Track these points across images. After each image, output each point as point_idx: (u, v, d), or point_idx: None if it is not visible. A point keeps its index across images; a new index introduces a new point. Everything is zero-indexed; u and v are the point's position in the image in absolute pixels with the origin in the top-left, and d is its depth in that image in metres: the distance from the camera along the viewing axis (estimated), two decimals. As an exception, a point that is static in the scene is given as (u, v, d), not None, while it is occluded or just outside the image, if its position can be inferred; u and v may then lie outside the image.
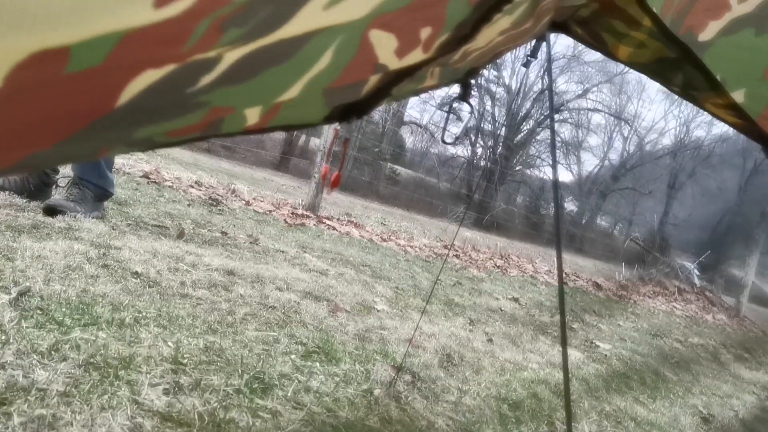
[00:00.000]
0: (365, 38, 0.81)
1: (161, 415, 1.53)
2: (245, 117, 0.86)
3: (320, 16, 0.66)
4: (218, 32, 0.55)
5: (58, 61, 0.44)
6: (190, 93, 0.66)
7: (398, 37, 0.86)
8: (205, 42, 0.55)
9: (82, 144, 0.64)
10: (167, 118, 0.71)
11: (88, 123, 0.58)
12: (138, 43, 0.48)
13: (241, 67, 0.67)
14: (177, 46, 0.53)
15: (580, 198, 28.12)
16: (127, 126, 0.66)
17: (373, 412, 1.97)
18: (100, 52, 0.47)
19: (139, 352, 1.83)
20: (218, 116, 0.80)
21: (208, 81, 0.65)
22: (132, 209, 3.94)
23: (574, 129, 27.08)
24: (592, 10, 1.47)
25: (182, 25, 0.50)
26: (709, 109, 1.55)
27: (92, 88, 0.51)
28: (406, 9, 0.79)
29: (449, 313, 3.88)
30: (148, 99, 0.59)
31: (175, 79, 0.59)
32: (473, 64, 1.39)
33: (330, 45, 0.76)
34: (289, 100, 0.88)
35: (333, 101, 1.04)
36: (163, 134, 0.76)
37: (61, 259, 2.46)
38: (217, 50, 0.59)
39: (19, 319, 1.80)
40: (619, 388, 3.32)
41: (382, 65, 0.95)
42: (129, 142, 0.74)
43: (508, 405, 2.45)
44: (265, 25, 0.60)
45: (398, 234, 7.73)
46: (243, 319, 2.45)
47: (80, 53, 0.45)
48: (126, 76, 0.53)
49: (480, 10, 0.95)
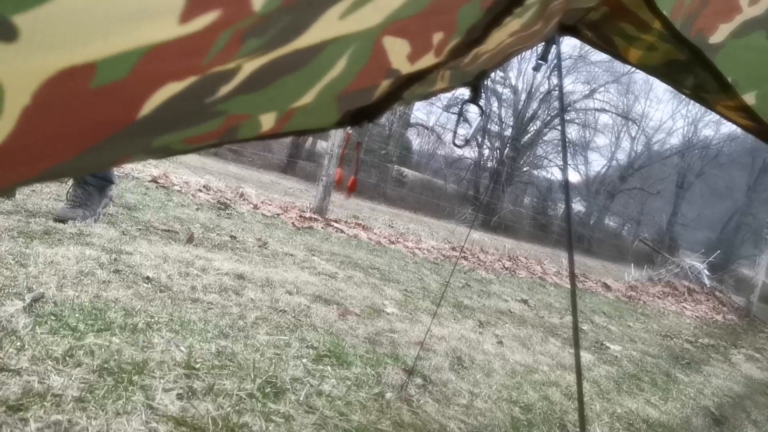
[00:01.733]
0: (378, 44, 0.82)
1: (175, 419, 1.54)
2: (260, 123, 0.87)
3: (335, 26, 0.67)
4: (238, 44, 0.56)
5: (84, 76, 0.45)
6: (208, 103, 0.66)
7: (411, 42, 0.87)
8: (225, 54, 0.56)
9: (102, 154, 0.64)
10: (185, 126, 0.72)
11: (110, 134, 0.59)
12: (162, 56, 0.49)
13: (258, 77, 0.68)
14: (199, 59, 0.54)
15: (588, 198, 28.03)
16: (147, 135, 0.67)
17: (385, 415, 1.97)
18: (125, 66, 0.47)
19: (152, 357, 1.85)
20: (235, 123, 0.81)
21: (227, 91, 0.66)
22: (142, 214, 3.96)
23: (581, 129, 27.02)
24: (602, 13, 1.47)
25: (204, 38, 0.50)
26: (720, 111, 1.55)
27: (116, 101, 0.52)
28: (419, 15, 0.80)
29: (459, 315, 3.88)
30: (168, 109, 0.60)
31: (196, 90, 0.60)
32: (483, 67, 1.40)
33: (344, 53, 0.77)
34: (303, 105, 0.88)
35: (345, 106, 1.05)
36: (180, 142, 0.77)
37: (74, 264, 2.48)
38: (236, 61, 0.60)
39: (33, 325, 1.81)
40: (630, 389, 3.30)
41: (395, 70, 0.96)
42: (148, 150, 0.75)
43: (520, 408, 2.45)
44: (282, 35, 0.61)
45: (406, 236, 7.73)
46: (254, 324, 2.46)
47: (106, 68, 0.46)
48: (150, 88, 0.54)
49: (491, 14, 0.96)
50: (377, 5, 0.69)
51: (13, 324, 1.77)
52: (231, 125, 0.81)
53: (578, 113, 26.03)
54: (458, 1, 0.85)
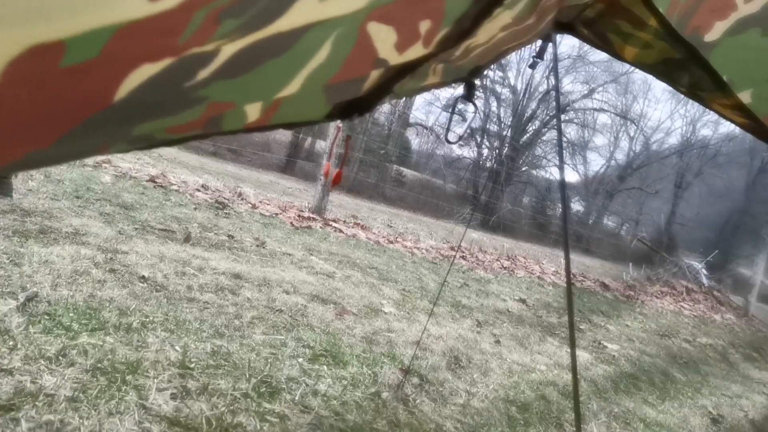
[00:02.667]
0: (363, 30, 0.81)
1: (169, 419, 1.53)
2: (246, 113, 0.86)
3: (316, 8, 0.66)
4: (214, 24, 0.55)
5: (53, 54, 0.44)
6: (188, 87, 0.65)
7: (397, 30, 0.86)
8: (201, 34, 0.55)
9: (82, 141, 0.63)
10: (167, 113, 0.71)
11: (87, 117, 0.58)
12: (134, 35, 0.48)
13: (239, 61, 0.67)
14: (173, 38, 0.53)
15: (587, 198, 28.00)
16: (126, 121, 0.66)
17: (381, 415, 1.97)
18: (96, 45, 0.47)
19: (146, 356, 1.84)
20: (218, 112, 0.79)
21: (206, 74, 0.65)
22: (138, 213, 3.95)
23: (579, 129, 26.99)
24: (598, 10, 1.46)
25: (177, 17, 0.50)
26: (716, 109, 1.54)
27: (89, 82, 0.51)
28: (404, 2, 0.79)
29: (456, 314, 3.87)
30: (146, 93, 0.59)
31: (173, 73, 0.59)
32: (476, 62, 1.39)
33: (328, 37, 0.76)
34: (289, 96, 0.87)
35: (334, 97, 1.04)
36: (163, 131, 0.76)
37: (68, 264, 2.47)
38: (215, 43, 0.59)
39: (26, 324, 1.80)
40: (627, 389, 3.30)
41: (382, 60, 0.95)
42: (129, 139, 0.74)
43: (517, 407, 2.44)
44: (261, 16, 0.60)
45: (405, 236, 7.72)
46: (250, 323, 2.45)
47: (75, 46, 0.45)
48: (123, 69, 0.53)
49: (480, 4, 0.94)
50: None
51: (6, 323, 1.76)
52: (214, 114, 0.79)
53: (577, 113, 26.01)
54: None
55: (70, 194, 3.83)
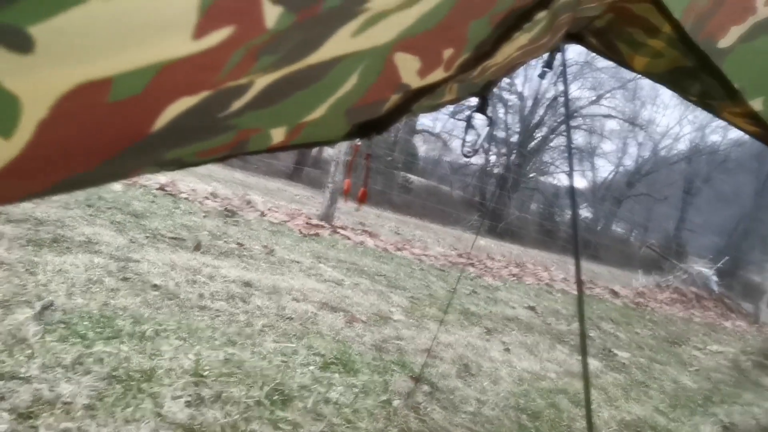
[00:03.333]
0: (390, 60, 0.83)
1: (184, 427, 1.54)
2: (270, 136, 0.88)
3: (349, 43, 0.68)
4: (252, 60, 0.57)
5: (101, 90, 0.46)
6: (221, 117, 0.67)
7: (422, 58, 0.88)
8: (239, 69, 0.57)
9: (116, 167, 0.65)
10: (198, 140, 0.73)
11: (125, 147, 0.59)
12: (176, 72, 0.49)
13: (271, 92, 0.68)
14: (212, 74, 0.55)
15: (595, 204, 27.92)
16: (161, 149, 0.68)
17: (393, 423, 1.97)
18: (141, 81, 0.48)
19: (160, 364, 1.85)
20: (246, 137, 0.81)
21: (239, 106, 0.66)
22: (149, 221, 3.98)
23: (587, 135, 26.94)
24: (607, 20, 1.48)
25: (218, 54, 0.51)
26: (726, 117, 1.55)
27: (131, 115, 0.53)
28: (430, 32, 0.80)
29: (465, 322, 3.87)
30: (181, 124, 0.61)
31: (209, 105, 0.60)
32: (490, 78, 1.40)
33: (356, 69, 0.78)
34: (312, 120, 0.89)
35: (354, 119, 1.05)
36: (193, 155, 0.78)
37: (82, 272, 2.50)
38: (249, 77, 0.60)
39: (43, 333, 1.83)
40: (638, 397, 3.29)
41: (405, 84, 0.96)
42: (160, 163, 0.76)
43: (527, 415, 2.44)
44: (296, 52, 0.62)
45: (412, 243, 7.73)
46: (261, 331, 2.47)
47: (122, 83, 0.47)
48: (163, 103, 0.55)
49: (500, 30, 0.96)
50: (389, 23, 0.69)
51: (23, 332, 1.79)
52: (242, 139, 0.81)
53: (585, 119, 25.96)
54: (468, 17, 0.85)
55: (82, 203, 3.86)
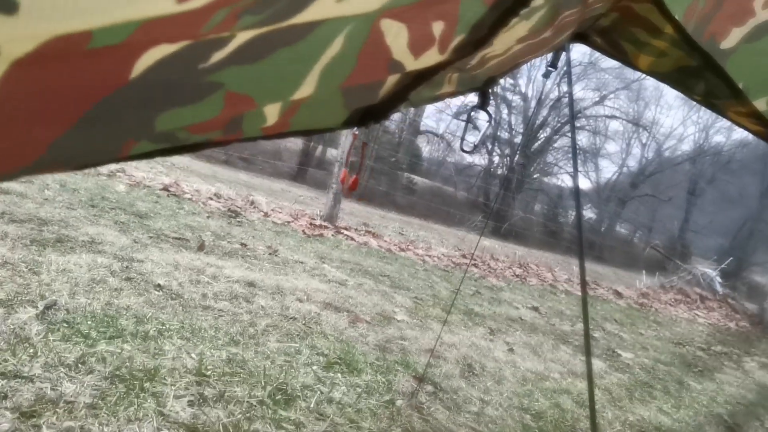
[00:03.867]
0: (376, 26, 0.83)
1: (186, 426, 1.54)
2: (264, 116, 0.88)
3: (332, 7, 0.68)
4: (234, 19, 0.58)
5: (80, 40, 0.47)
6: (202, 69, 0.67)
7: (409, 28, 0.87)
8: (220, 27, 0.58)
9: (102, 127, 0.65)
10: (185, 100, 0.73)
11: (103, 96, 0.60)
12: (157, 28, 0.50)
13: (252, 47, 0.69)
14: (194, 29, 0.56)
15: (599, 205, 27.86)
16: (144, 106, 0.68)
17: (396, 423, 1.97)
18: (121, 35, 0.49)
19: (163, 364, 1.85)
20: (237, 111, 0.81)
21: (220, 57, 0.67)
22: (153, 222, 3.98)
23: (591, 136, 26.87)
24: (612, 19, 1.47)
25: (200, 15, 0.52)
26: (731, 117, 1.54)
27: (108, 61, 0.54)
28: (418, 4, 0.80)
29: (469, 322, 3.87)
30: (160, 72, 0.61)
31: (188, 53, 0.61)
32: (492, 73, 1.40)
33: (340, 32, 0.78)
34: (306, 98, 0.89)
35: (351, 102, 1.05)
36: (185, 130, 0.78)
37: (86, 272, 2.50)
38: (230, 32, 0.61)
39: (46, 332, 1.83)
40: (642, 397, 3.28)
41: (397, 62, 0.96)
42: (152, 136, 0.75)
43: (531, 415, 2.43)
44: (279, 14, 0.62)
45: (416, 243, 7.72)
46: (264, 331, 2.47)
47: (101, 34, 0.48)
48: (141, 49, 0.55)
49: (496, 12, 0.95)
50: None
51: (26, 331, 1.79)
52: (233, 114, 0.81)
53: (588, 120, 25.91)
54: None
55: (86, 203, 3.87)
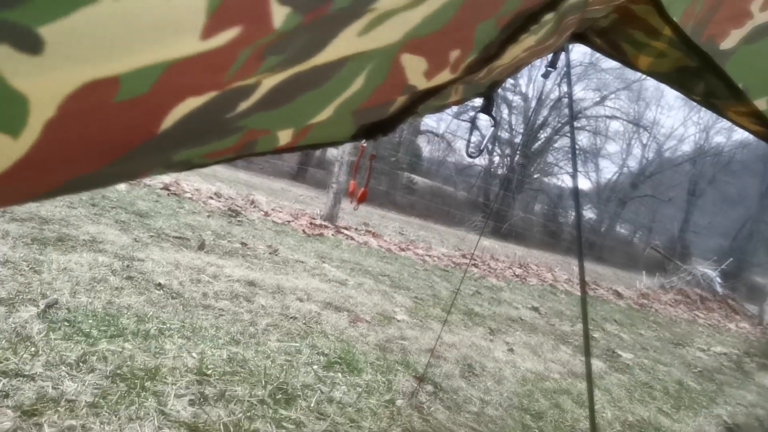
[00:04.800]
0: (396, 62, 0.83)
1: (187, 425, 1.55)
2: (278, 138, 0.88)
3: (355, 43, 0.68)
4: (259, 60, 0.57)
5: (108, 90, 0.46)
6: (228, 118, 0.67)
7: (428, 60, 0.88)
8: (246, 70, 0.57)
9: (123, 167, 0.65)
10: (206, 142, 0.73)
11: (132, 148, 0.60)
12: (183, 71, 0.50)
13: (278, 93, 0.68)
14: (219, 74, 0.55)
15: (599, 206, 27.88)
16: (168, 150, 0.68)
17: (396, 422, 1.97)
18: (148, 81, 0.48)
19: (164, 363, 1.86)
20: (253, 138, 0.81)
21: (246, 107, 0.67)
22: (153, 221, 3.99)
23: (592, 136, 26.88)
24: (611, 20, 1.48)
25: (226, 54, 0.51)
26: (731, 117, 1.55)
27: (138, 115, 0.53)
28: (437, 33, 0.80)
29: (469, 322, 3.87)
30: (188, 124, 0.61)
31: (216, 105, 0.61)
32: (496, 78, 1.40)
33: (363, 70, 0.78)
34: (320, 122, 0.89)
35: (361, 120, 1.05)
36: (200, 156, 0.78)
37: (87, 271, 2.50)
38: (256, 77, 0.61)
39: (47, 331, 1.83)
40: (642, 398, 3.28)
41: (411, 86, 0.96)
42: (168, 165, 0.76)
43: (531, 415, 2.44)
44: (302, 52, 0.62)
45: (416, 243, 7.73)
46: (265, 330, 2.47)
47: (128, 82, 0.47)
48: (169, 103, 0.55)
49: (507, 32, 0.96)
50: (395, 23, 0.69)
51: (28, 330, 1.79)
52: (249, 140, 0.81)
53: (589, 120, 25.92)
54: (475, 19, 0.85)
55: (86, 202, 3.87)
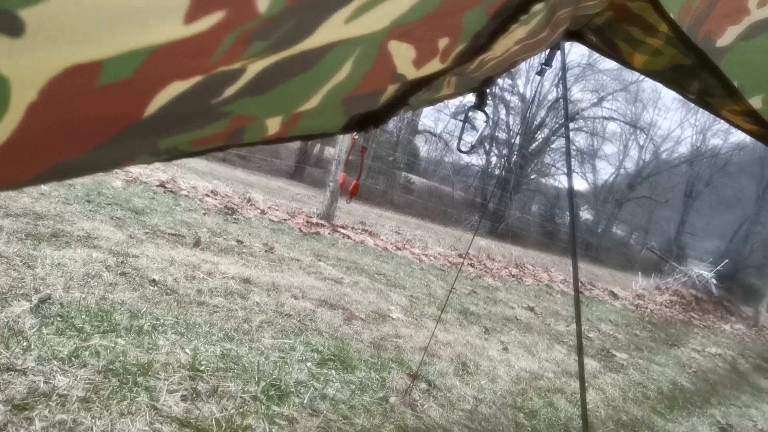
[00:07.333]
0: (384, 49, 0.82)
1: (179, 421, 1.54)
2: (266, 126, 0.88)
3: (341, 29, 0.67)
4: (244, 45, 0.57)
5: (91, 74, 0.46)
6: (214, 103, 0.67)
7: (417, 47, 0.87)
8: (231, 55, 0.57)
9: (109, 153, 0.65)
10: (192, 127, 0.72)
11: (116, 132, 0.59)
12: (167, 56, 0.49)
13: (264, 78, 0.68)
14: (204, 59, 0.54)
15: (596, 207, 27.89)
16: (154, 135, 0.67)
17: (389, 419, 1.97)
18: (131, 65, 0.48)
19: (157, 358, 1.85)
20: (240, 125, 0.81)
21: (232, 92, 0.66)
22: (149, 218, 3.98)
23: (589, 137, 26.89)
24: (607, 18, 1.47)
25: (210, 39, 0.51)
26: (725, 116, 1.54)
27: (122, 99, 0.53)
28: (425, 20, 0.80)
29: (464, 321, 3.87)
30: (174, 109, 0.60)
31: (201, 90, 0.60)
32: (489, 73, 1.40)
33: (350, 56, 0.78)
34: (308, 110, 0.89)
35: (351, 110, 1.05)
36: (188, 143, 0.78)
37: (80, 266, 2.50)
38: (242, 62, 0.60)
39: (40, 325, 1.83)
40: (636, 397, 3.29)
41: (400, 75, 0.96)
42: (155, 152, 0.76)
43: (524, 414, 2.44)
44: (288, 38, 0.62)
45: (413, 243, 7.73)
46: (259, 327, 2.47)
47: (112, 67, 0.46)
48: (154, 87, 0.54)
49: (497, 21, 0.96)
50: (383, 10, 0.69)
51: (20, 324, 1.79)
52: (236, 127, 0.81)
53: (586, 121, 25.92)
54: (463, 6, 0.85)
55: (82, 198, 3.87)
